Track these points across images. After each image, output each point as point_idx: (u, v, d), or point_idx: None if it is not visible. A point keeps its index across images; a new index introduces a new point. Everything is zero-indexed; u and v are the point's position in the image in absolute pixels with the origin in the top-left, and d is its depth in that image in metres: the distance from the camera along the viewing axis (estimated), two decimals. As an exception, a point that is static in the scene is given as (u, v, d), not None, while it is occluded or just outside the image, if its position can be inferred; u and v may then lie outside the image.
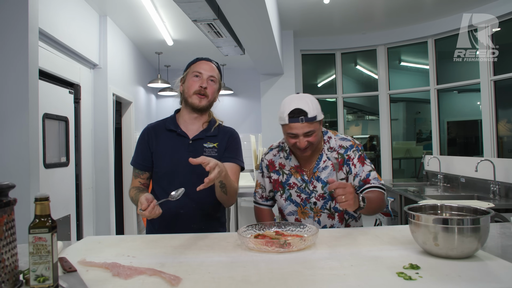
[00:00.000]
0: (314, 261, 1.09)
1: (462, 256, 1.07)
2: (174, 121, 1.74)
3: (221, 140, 1.72)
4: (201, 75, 1.67)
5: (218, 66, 1.77)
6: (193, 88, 1.66)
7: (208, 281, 0.94)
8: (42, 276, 0.86)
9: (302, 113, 1.54)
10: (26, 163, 2.41)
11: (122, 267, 1.03)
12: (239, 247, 1.25)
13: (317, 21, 5.44)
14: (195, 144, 1.68)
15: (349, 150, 1.71)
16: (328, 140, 1.73)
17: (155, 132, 1.74)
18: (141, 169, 1.73)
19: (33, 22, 2.49)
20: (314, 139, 1.59)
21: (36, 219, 0.87)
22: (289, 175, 1.74)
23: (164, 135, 1.72)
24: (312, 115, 1.55)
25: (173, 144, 1.69)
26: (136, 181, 1.74)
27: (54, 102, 3.38)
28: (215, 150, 1.69)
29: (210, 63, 1.72)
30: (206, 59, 1.74)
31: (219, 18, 3.37)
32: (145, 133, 1.75)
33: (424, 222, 1.09)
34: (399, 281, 0.92)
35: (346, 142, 1.73)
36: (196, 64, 1.71)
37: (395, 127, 6.78)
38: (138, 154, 1.74)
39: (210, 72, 1.69)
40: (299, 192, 1.72)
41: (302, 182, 1.72)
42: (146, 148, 1.72)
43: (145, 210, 1.35)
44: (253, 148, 3.98)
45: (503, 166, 3.35)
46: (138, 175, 1.74)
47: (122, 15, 4.42)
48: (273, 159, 1.80)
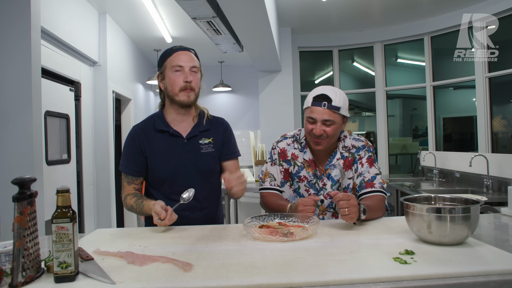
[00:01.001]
0: (316, 248, 1.16)
1: (454, 243, 1.14)
2: (163, 120, 1.64)
3: (215, 133, 1.68)
4: (182, 68, 1.56)
5: (195, 53, 1.66)
6: (178, 85, 1.56)
7: (218, 267, 1.01)
8: (65, 263, 0.93)
9: (327, 99, 1.56)
10: (30, 160, 2.46)
11: (136, 255, 1.09)
12: (245, 237, 1.32)
13: (314, 18, 5.50)
14: (190, 142, 1.63)
15: (361, 150, 1.72)
16: (344, 139, 1.73)
17: (145, 135, 1.62)
18: (135, 175, 1.63)
19: (35, 20, 2.53)
20: (331, 131, 1.58)
21: (58, 210, 0.94)
22: (300, 167, 1.72)
23: (156, 137, 1.62)
24: (335, 104, 1.56)
25: (169, 146, 1.61)
26: (129, 187, 1.64)
27: (55, 100, 3.43)
28: (211, 146, 1.65)
29: (188, 52, 1.61)
30: (181, 48, 1.61)
31: (218, 16, 3.42)
32: (134, 137, 1.63)
33: (418, 211, 1.17)
34: (395, 265, 0.99)
35: (359, 142, 1.74)
36: (173, 57, 1.58)
37: (392, 123, 6.85)
38: (129, 160, 1.63)
39: (190, 62, 1.58)
40: (308, 187, 1.71)
41: (314, 177, 1.70)
42: (137, 153, 1.61)
43: (164, 219, 1.37)
44: (252, 145, 4.04)
45: (496, 161, 3.44)
46: (131, 181, 1.64)
47: (121, 12, 4.46)
48: (286, 148, 1.76)
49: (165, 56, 1.61)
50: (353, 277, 0.92)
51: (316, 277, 0.92)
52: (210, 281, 0.91)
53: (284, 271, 0.96)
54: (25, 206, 0.94)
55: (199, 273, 0.97)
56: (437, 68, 5.88)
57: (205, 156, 1.63)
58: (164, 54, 1.62)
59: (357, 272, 0.95)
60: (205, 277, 0.94)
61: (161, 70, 1.61)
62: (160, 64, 1.62)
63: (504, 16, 4.73)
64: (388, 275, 0.92)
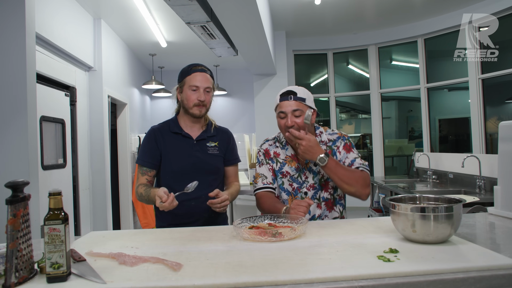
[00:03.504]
0: (304, 248, 1.19)
1: (437, 241, 1.18)
2: (177, 124, 1.90)
3: (220, 139, 1.94)
4: (198, 89, 1.82)
5: (211, 73, 1.90)
6: (192, 101, 1.82)
7: (207, 267, 1.04)
8: (57, 264, 0.95)
9: (292, 93, 1.74)
10: (26, 165, 2.48)
11: (127, 256, 1.12)
12: (235, 238, 1.35)
13: (309, 22, 5.55)
14: (199, 143, 1.88)
15: (337, 141, 1.85)
16: (320, 135, 1.86)
17: (161, 133, 1.88)
18: (150, 167, 1.85)
19: (30, 26, 2.55)
20: (301, 121, 1.71)
21: (51, 212, 0.96)
22: (282, 163, 1.85)
23: (170, 136, 1.87)
24: (300, 96, 1.73)
25: (180, 145, 1.86)
26: (143, 178, 1.85)
27: (50, 105, 3.45)
28: (217, 148, 1.91)
29: (205, 74, 1.85)
30: (200, 70, 1.85)
31: (212, 20, 3.46)
32: (153, 134, 1.89)
33: (403, 211, 1.20)
34: (379, 263, 1.02)
35: (334, 135, 1.87)
36: (192, 77, 1.83)
37: (388, 125, 6.90)
38: (145, 153, 1.86)
39: (206, 83, 1.83)
40: (291, 181, 1.83)
41: (296, 171, 1.82)
42: (155, 147, 1.85)
43: (165, 202, 1.53)
44: (247, 148, 4.07)
45: (488, 162, 3.48)
46: (145, 172, 1.85)
47: (116, 18, 4.49)
48: (268, 148, 1.92)
49: (185, 73, 1.85)
50: (337, 274, 0.94)
51: (301, 275, 0.95)
52: (198, 280, 0.94)
53: (270, 270, 0.99)
54: (18, 208, 0.96)
55: (188, 273, 0.99)
56: (431, 70, 5.93)
57: (211, 156, 1.89)
58: (184, 72, 1.86)
59: (341, 270, 0.98)
60: (193, 276, 0.96)
61: (181, 85, 1.87)
62: (180, 79, 1.87)
63: (498, 17, 4.78)
64: (370, 273, 0.95)
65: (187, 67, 1.88)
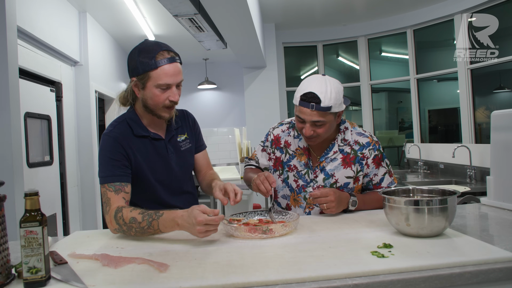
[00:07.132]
0: (295, 244, 1.15)
1: (432, 234, 1.15)
2: (139, 124, 1.50)
3: (186, 127, 1.63)
4: (170, 86, 1.39)
5: (180, 58, 1.44)
6: (162, 102, 1.41)
7: (194, 267, 0.99)
8: (35, 268, 0.90)
9: (315, 100, 1.40)
10: (9, 163, 2.40)
11: (111, 257, 1.07)
12: (224, 235, 1.31)
13: (298, 14, 5.49)
14: (171, 143, 1.56)
15: (365, 148, 1.58)
16: (344, 131, 1.60)
17: (126, 141, 1.46)
18: (124, 181, 1.42)
19: (11, 20, 2.47)
20: (322, 131, 1.46)
21: (27, 214, 0.91)
22: (292, 156, 1.63)
23: (137, 143, 1.48)
24: (325, 105, 1.40)
25: (152, 150, 1.51)
26: (118, 198, 1.38)
27: (35, 101, 3.35)
28: (188, 141, 1.61)
29: (175, 64, 1.39)
30: (170, 60, 1.38)
31: (200, 13, 3.38)
32: (117, 142, 1.44)
33: (396, 204, 1.17)
34: (372, 259, 0.99)
35: (363, 138, 1.60)
36: (160, 72, 1.36)
37: (378, 116, 6.90)
38: (114, 166, 1.41)
39: (178, 77, 1.41)
40: (296, 177, 1.61)
41: (305, 167, 1.60)
42: (124, 157, 1.44)
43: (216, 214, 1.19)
44: (238, 141, 4.02)
45: (478, 151, 3.48)
46: (120, 189, 1.40)
47: (102, 11, 4.38)
48: (280, 134, 1.68)
49: (148, 66, 1.36)
50: (330, 272, 0.91)
51: (292, 274, 0.91)
52: (185, 281, 0.90)
53: (260, 269, 0.95)
54: (-8, 211, 0.91)
55: (174, 274, 0.95)
56: (420, 61, 5.93)
57: (185, 153, 1.60)
58: (146, 64, 1.36)
59: (334, 267, 0.94)
60: (180, 278, 0.92)
61: (142, 79, 1.39)
62: (140, 71, 1.37)
63: (486, 8, 4.77)
64: (364, 270, 0.92)
65: (148, 53, 1.36)
